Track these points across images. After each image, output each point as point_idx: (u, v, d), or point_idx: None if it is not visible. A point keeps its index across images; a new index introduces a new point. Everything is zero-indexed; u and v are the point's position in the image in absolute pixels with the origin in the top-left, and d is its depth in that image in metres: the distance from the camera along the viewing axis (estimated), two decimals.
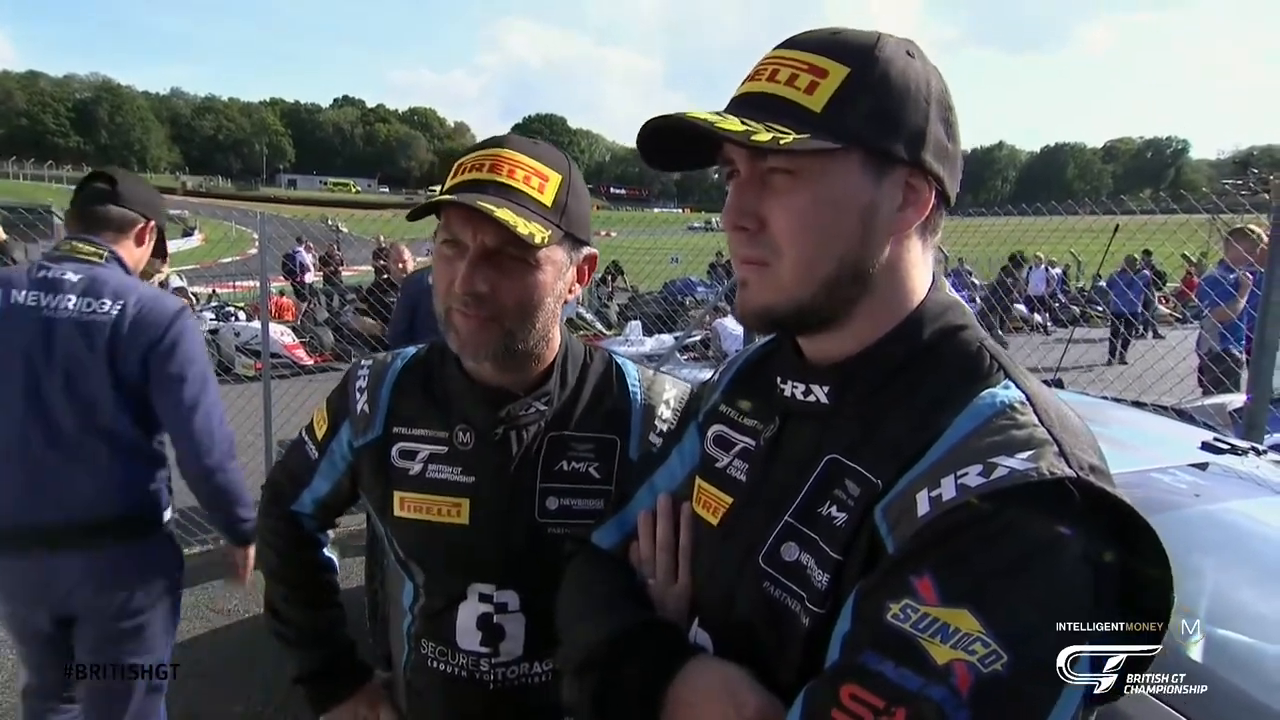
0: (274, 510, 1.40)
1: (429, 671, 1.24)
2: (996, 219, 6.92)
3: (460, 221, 1.07)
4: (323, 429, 1.32)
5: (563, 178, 1.14)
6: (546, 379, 1.22)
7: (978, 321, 0.83)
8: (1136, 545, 0.63)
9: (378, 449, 1.23)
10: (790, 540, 0.77)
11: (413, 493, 1.20)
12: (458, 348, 1.13)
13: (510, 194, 1.07)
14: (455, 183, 1.10)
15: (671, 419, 1.25)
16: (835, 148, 0.71)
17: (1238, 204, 6.54)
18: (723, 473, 0.91)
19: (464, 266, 1.07)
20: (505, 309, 1.10)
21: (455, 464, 1.19)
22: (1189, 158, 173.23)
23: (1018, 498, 0.62)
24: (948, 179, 0.78)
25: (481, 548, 1.18)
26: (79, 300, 1.90)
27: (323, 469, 1.32)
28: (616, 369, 1.30)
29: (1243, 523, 1.85)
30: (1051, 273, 16.98)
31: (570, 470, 1.21)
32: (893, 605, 0.62)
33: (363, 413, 1.25)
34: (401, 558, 1.24)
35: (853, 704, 0.60)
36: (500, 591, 1.19)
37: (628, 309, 13.65)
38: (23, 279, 1.93)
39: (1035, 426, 0.68)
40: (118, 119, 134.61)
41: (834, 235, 0.74)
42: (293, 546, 1.40)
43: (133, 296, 1.94)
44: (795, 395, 0.83)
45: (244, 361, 10.64)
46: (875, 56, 0.74)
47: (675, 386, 1.31)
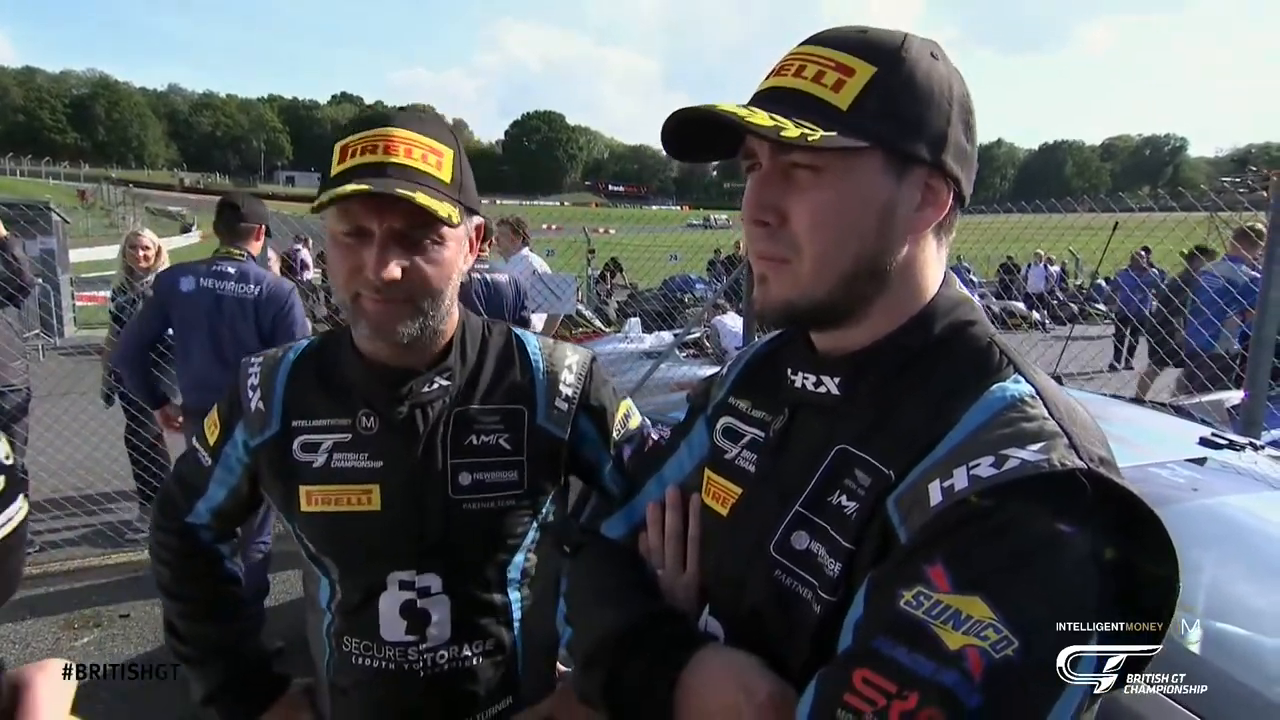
0: (165, 524, 1.33)
1: (354, 669, 1.19)
2: (995, 216, 6.93)
3: (362, 209, 1.03)
4: (214, 434, 1.27)
5: (454, 151, 1.11)
6: (446, 355, 1.20)
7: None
8: (1144, 537, 0.64)
9: (277, 445, 1.19)
10: (801, 529, 0.78)
11: (319, 485, 1.16)
12: (370, 332, 1.09)
13: (413, 175, 1.04)
14: (347, 166, 1.04)
15: (575, 384, 1.25)
16: (862, 146, 0.73)
17: (1236, 201, 6.54)
18: (732, 464, 0.92)
19: (373, 253, 1.03)
20: (418, 289, 1.07)
21: (361, 450, 1.16)
22: (1187, 155, 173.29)
23: (1029, 489, 0.63)
24: (964, 180, 0.79)
25: (396, 532, 1.15)
26: (235, 285, 3.42)
27: (217, 475, 1.27)
28: (517, 340, 1.28)
29: (1240, 517, 1.87)
30: (1050, 270, 16.96)
31: (480, 444, 1.18)
32: (905, 593, 0.63)
33: (257, 410, 1.21)
34: (313, 553, 1.20)
35: (866, 688, 0.61)
36: (421, 576, 1.16)
37: (627, 306, 13.62)
38: (202, 270, 3.43)
39: (1045, 419, 0.69)
40: (115, 115, 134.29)
41: (854, 233, 0.75)
42: (186, 559, 1.32)
43: (265, 282, 3.47)
44: (806, 386, 0.84)
45: None
46: (902, 57, 0.75)
47: (575, 353, 1.30)
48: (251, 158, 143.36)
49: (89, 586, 4.34)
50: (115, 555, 4.72)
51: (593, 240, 17.20)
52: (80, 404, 5.75)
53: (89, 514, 5.06)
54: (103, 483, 5.30)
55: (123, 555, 4.72)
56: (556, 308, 5.39)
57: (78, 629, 3.89)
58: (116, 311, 5.10)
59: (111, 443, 5.32)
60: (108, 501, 5.17)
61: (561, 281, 5.42)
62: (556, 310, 5.43)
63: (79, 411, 5.66)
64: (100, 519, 5.01)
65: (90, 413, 5.55)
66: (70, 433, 5.46)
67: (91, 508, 5.09)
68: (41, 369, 8.60)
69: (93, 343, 8.17)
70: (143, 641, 3.81)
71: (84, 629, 3.90)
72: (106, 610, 4.07)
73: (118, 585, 4.38)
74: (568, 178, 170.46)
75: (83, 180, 63.38)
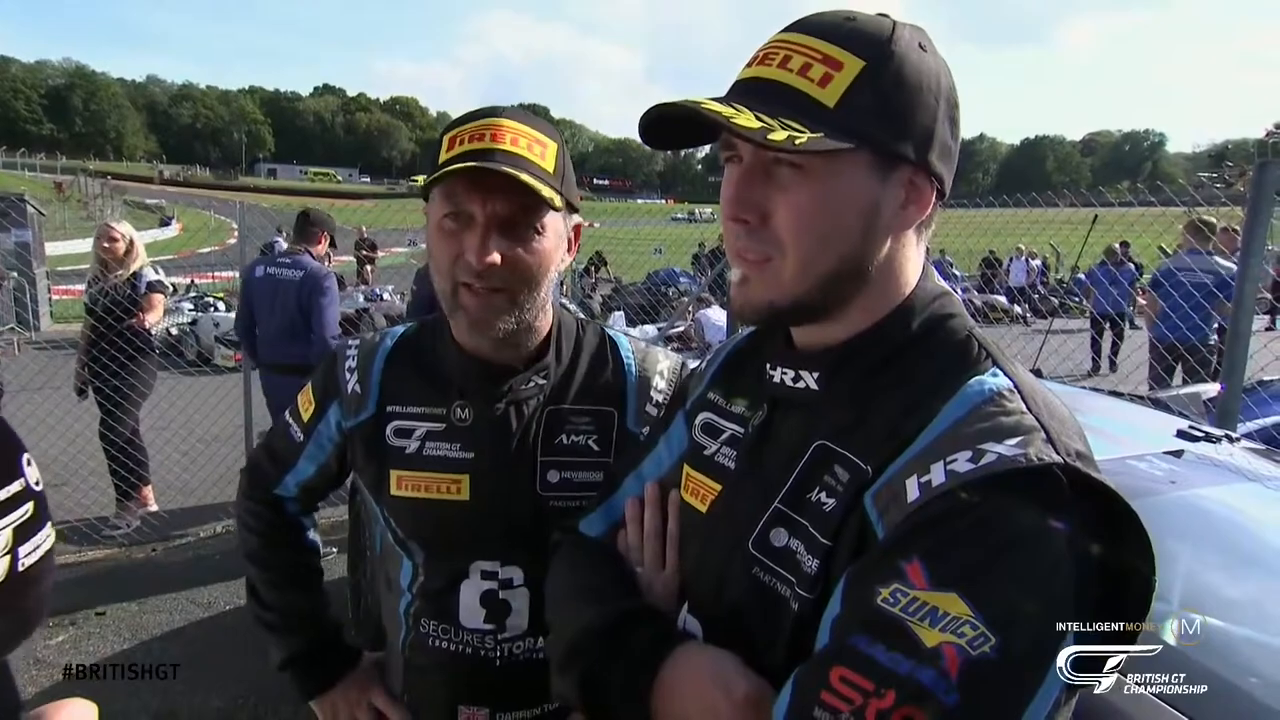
0: (255, 493, 1.38)
1: (430, 650, 1.22)
2: (978, 210, 6.97)
3: (467, 192, 1.05)
4: (309, 411, 1.30)
5: (558, 145, 1.13)
6: (543, 353, 1.22)
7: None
8: (1121, 532, 0.64)
9: (371, 428, 1.22)
10: (780, 526, 0.78)
11: (410, 470, 1.19)
12: (469, 327, 1.12)
13: (518, 162, 1.06)
14: (456, 153, 1.07)
15: (666, 390, 1.26)
16: (848, 148, 0.71)
17: (1214, 196, 6.63)
18: (711, 460, 0.91)
19: (475, 237, 1.06)
20: (513, 279, 1.09)
21: (454, 440, 1.19)
22: (1165, 151, 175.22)
23: (1007, 484, 0.63)
24: (947, 176, 0.78)
25: (483, 524, 1.18)
26: (289, 271, 4.63)
27: (308, 451, 1.30)
28: (610, 342, 1.30)
29: (1216, 509, 1.89)
30: (1032, 264, 17.11)
31: (570, 444, 1.21)
32: (883, 590, 0.62)
33: (354, 393, 1.24)
34: (400, 537, 1.22)
35: (843, 686, 0.60)
36: (505, 568, 1.18)
37: (611, 299, 13.62)
38: (269, 261, 4.86)
39: (1023, 414, 0.69)
40: (92, 106, 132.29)
41: (838, 234, 0.74)
42: (274, 529, 1.37)
43: (307, 268, 4.63)
44: (785, 381, 0.84)
45: (223, 352, 10.53)
46: (891, 50, 0.73)
47: (668, 358, 1.32)
48: (232, 150, 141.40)
49: (64, 584, 4.27)
50: (90, 552, 4.67)
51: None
52: (55, 399, 5.68)
53: (64, 510, 4.99)
54: (78, 478, 5.23)
55: (98, 552, 4.67)
56: None
57: (52, 627, 3.83)
58: (90, 304, 5.04)
59: (87, 438, 5.26)
60: (83, 497, 5.11)
61: None
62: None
63: (53, 406, 5.58)
64: (76, 515, 4.95)
65: (65, 407, 5.47)
66: (45, 428, 5.38)
67: (67, 504, 5.03)
68: (16, 363, 8.49)
69: (67, 336, 8.05)
70: (119, 640, 3.77)
71: (58, 628, 3.85)
72: (82, 608, 4.02)
73: (93, 583, 4.34)
74: None
75: (59, 172, 62.30)
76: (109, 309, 4.86)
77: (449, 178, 1.04)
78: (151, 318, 4.99)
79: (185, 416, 5.97)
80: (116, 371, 4.90)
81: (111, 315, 4.86)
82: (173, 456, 5.88)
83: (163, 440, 5.77)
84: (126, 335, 4.88)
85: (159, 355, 5.65)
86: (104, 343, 4.87)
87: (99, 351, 4.89)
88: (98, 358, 4.90)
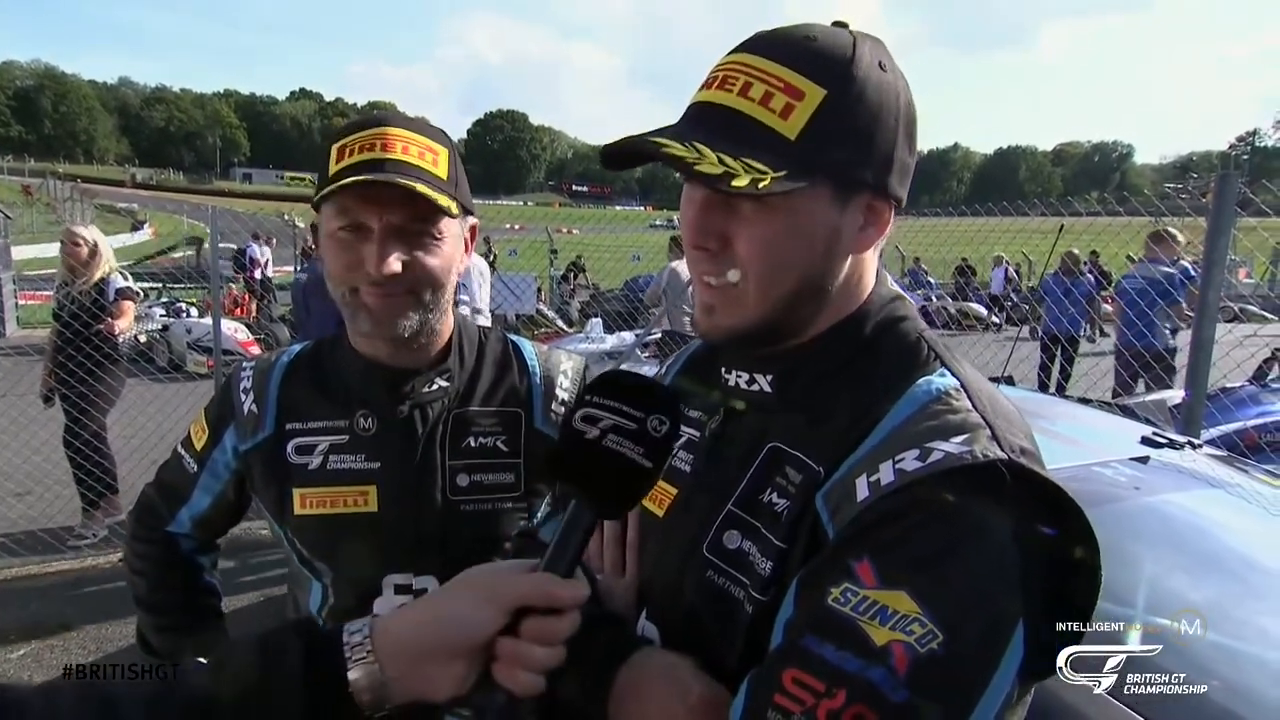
0: (144, 533, 1.30)
1: None
2: (952, 219, 7.06)
3: (360, 203, 1.03)
4: (202, 439, 1.25)
5: (449, 149, 1.12)
6: (445, 357, 1.20)
7: (933, 320, 0.84)
8: (1067, 527, 0.65)
9: (271, 448, 1.18)
10: (733, 528, 0.78)
11: (314, 487, 1.16)
12: (370, 326, 1.09)
13: (410, 170, 1.04)
14: (346, 164, 1.04)
15: (571, 389, 1.26)
16: (808, 185, 0.71)
17: (1179, 207, 6.78)
18: (669, 465, 0.91)
19: (372, 249, 1.04)
20: (420, 281, 1.08)
21: (358, 451, 1.16)
22: (1133, 162, 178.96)
23: (953, 480, 0.64)
24: (904, 192, 0.79)
25: (393, 533, 1.15)
26: (310, 275, 4.89)
27: (203, 482, 1.25)
28: (513, 346, 1.30)
29: (1180, 514, 1.92)
30: (1010, 272, 17.35)
31: (478, 446, 1.19)
32: (833, 589, 0.63)
33: (250, 413, 1.20)
34: (305, 557, 1.18)
35: (795, 688, 0.61)
36: (419, 578, 1.15)
37: (589, 306, 13.61)
38: (308, 267, 6.62)
39: (969, 412, 0.70)
40: (62, 108, 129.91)
41: (799, 261, 0.75)
42: (165, 570, 1.30)
43: (312, 271, 4.90)
44: (739, 384, 0.85)
45: (195, 359, 10.37)
46: (852, 75, 0.72)
47: (570, 359, 1.32)
48: (207, 154, 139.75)
49: (26, 594, 4.20)
50: (55, 563, 4.57)
51: (556, 240, 17.13)
52: (20, 405, 5.53)
53: (28, 520, 4.88)
54: (43, 487, 5.12)
55: (63, 563, 4.57)
56: (516, 307, 5.45)
57: (14, 640, 3.75)
58: (57, 309, 4.95)
59: (53, 446, 5.14)
60: (47, 506, 5.00)
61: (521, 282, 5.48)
62: (518, 309, 5.54)
63: (18, 414, 5.46)
64: (40, 525, 4.84)
65: (30, 415, 5.35)
66: (9, 436, 5.26)
67: (31, 514, 4.92)
68: None
69: (33, 342, 7.88)
70: (83, 652, 3.69)
71: (20, 640, 3.76)
72: (45, 620, 3.93)
73: (57, 594, 4.24)
74: (531, 177, 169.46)
75: (27, 175, 61.27)
76: (75, 315, 4.77)
77: (342, 191, 1.02)
78: (122, 324, 4.89)
79: (155, 424, 5.87)
80: (83, 378, 4.80)
81: (78, 321, 4.77)
82: (143, 464, 5.76)
83: (131, 448, 5.66)
84: (94, 341, 4.79)
85: (129, 362, 5.55)
86: (70, 349, 4.78)
87: (65, 358, 4.80)
88: (64, 364, 4.80)
